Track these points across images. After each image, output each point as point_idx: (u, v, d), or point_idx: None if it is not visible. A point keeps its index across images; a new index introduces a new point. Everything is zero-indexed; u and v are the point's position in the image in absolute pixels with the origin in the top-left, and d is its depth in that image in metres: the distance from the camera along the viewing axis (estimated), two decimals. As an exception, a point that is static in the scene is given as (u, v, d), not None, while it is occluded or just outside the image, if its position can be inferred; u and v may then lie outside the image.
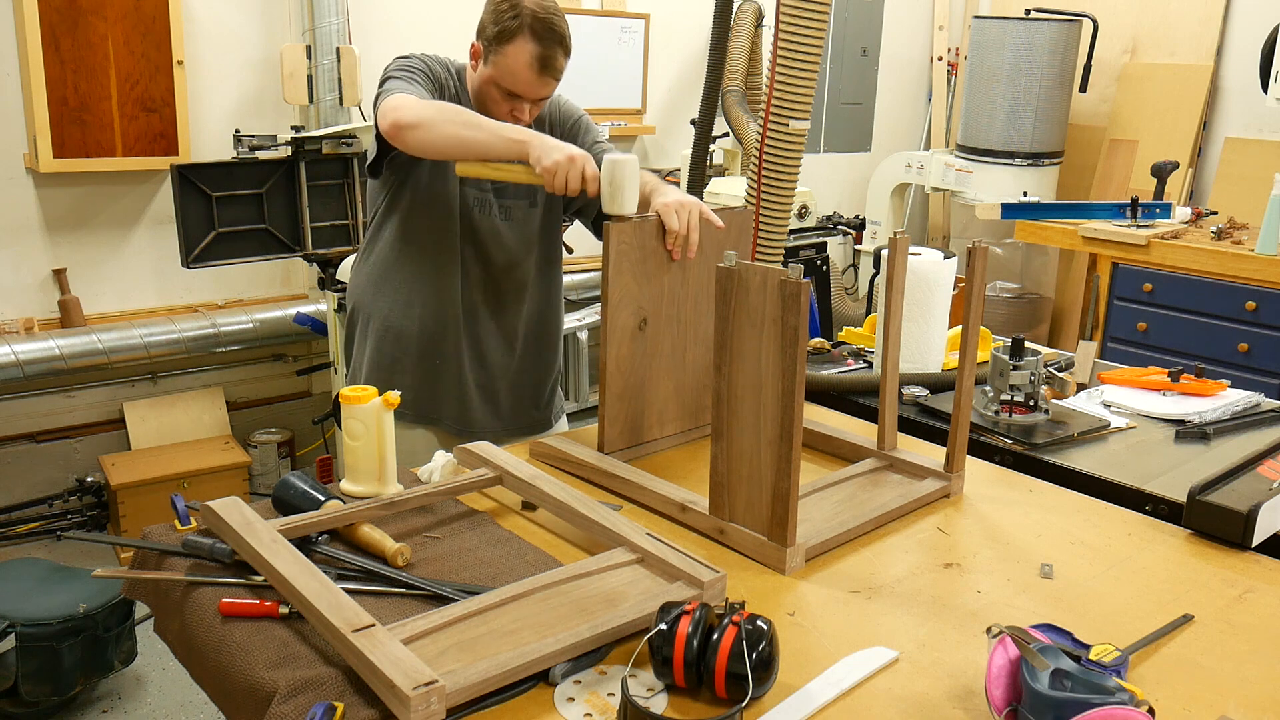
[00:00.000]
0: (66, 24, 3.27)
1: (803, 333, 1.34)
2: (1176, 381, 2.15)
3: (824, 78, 5.34)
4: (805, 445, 1.87)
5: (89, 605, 2.62)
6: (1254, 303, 3.62)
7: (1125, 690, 1.04)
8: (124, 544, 1.50)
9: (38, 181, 3.49)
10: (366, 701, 1.11)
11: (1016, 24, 4.72)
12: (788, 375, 1.36)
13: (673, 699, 1.14)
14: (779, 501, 1.40)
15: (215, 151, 3.67)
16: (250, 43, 3.77)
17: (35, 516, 3.53)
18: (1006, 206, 4.12)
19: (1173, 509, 1.63)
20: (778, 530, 1.42)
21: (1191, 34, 4.86)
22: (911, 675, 1.20)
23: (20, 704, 2.61)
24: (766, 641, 1.11)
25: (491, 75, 1.96)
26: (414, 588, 1.34)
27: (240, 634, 1.25)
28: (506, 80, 1.95)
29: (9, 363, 3.30)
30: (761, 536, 1.45)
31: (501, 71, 1.94)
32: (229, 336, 3.70)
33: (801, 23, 2.61)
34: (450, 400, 2.12)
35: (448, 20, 4.15)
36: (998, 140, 4.77)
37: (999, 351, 1.99)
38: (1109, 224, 3.95)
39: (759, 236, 2.78)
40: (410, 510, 1.58)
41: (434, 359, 2.09)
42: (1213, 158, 4.83)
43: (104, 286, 3.67)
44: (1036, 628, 1.16)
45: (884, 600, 1.37)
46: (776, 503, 1.41)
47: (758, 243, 2.77)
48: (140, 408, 3.72)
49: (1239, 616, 1.34)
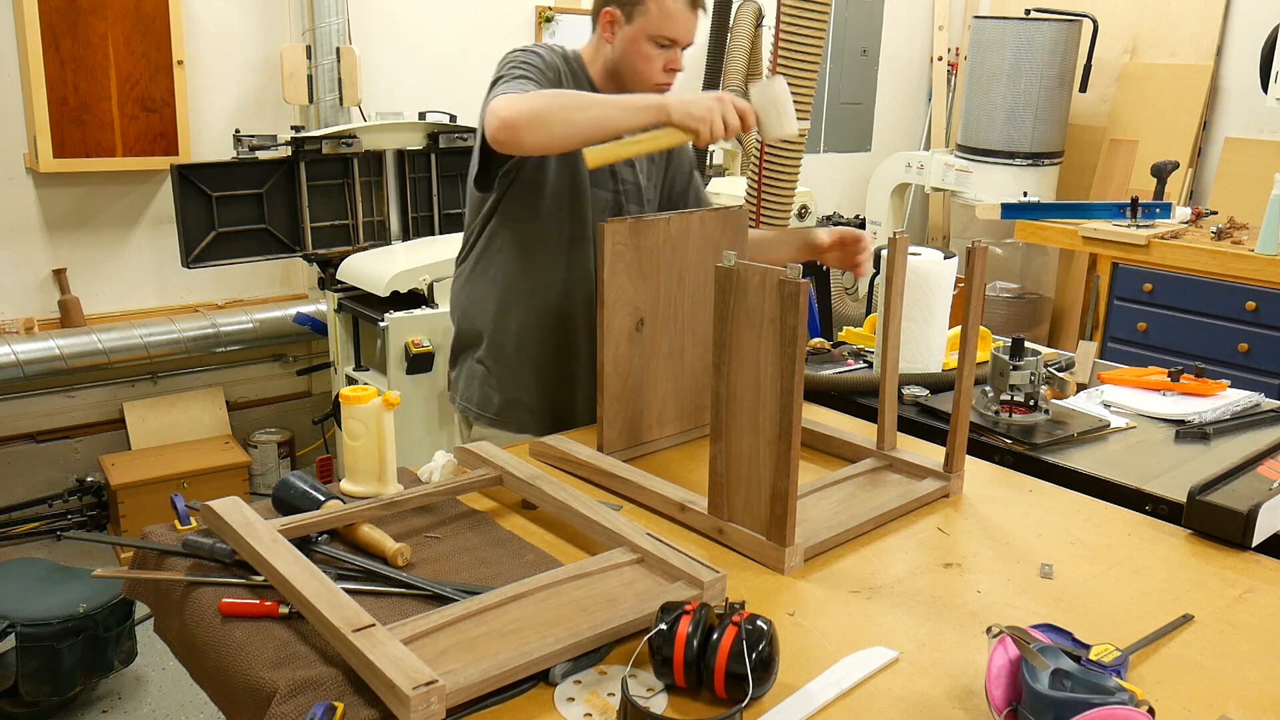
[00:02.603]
0: (66, 24, 3.27)
1: (801, 332, 1.34)
2: (1176, 381, 2.15)
3: (824, 78, 5.34)
4: (805, 445, 1.88)
5: (89, 605, 2.62)
6: (1254, 303, 3.62)
7: (1125, 690, 1.04)
8: (124, 544, 1.50)
9: (38, 181, 3.49)
10: (366, 701, 1.11)
11: (1016, 24, 4.72)
12: (786, 375, 1.36)
13: (673, 699, 1.14)
14: (778, 501, 1.40)
15: (215, 151, 3.67)
16: (250, 43, 3.77)
17: (35, 516, 3.53)
18: (1006, 206, 4.12)
19: (1173, 509, 1.63)
20: (776, 530, 1.42)
21: (1191, 34, 4.86)
22: (911, 675, 1.20)
23: (20, 704, 2.62)
24: (766, 641, 1.11)
25: (642, 28, 1.88)
26: (414, 588, 1.34)
27: (240, 634, 1.25)
28: (665, 27, 1.88)
29: (9, 363, 3.30)
30: (760, 536, 1.45)
31: (656, 20, 1.87)
32: (229, 336, 3.70)
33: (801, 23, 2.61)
34: (583, 400, 2.04)
35: (448, 20, 4.16)
36: (998, 140, 4.77)
37: (999, 351, 1.99)
38: (1109, 224, 3.95)
39: (759, 236, 2.77)
40: (410, 510, 1.58)
41: (567, 367, 2.03)
42: (1213, 158, 4.83)
43: (104, 286, 3.68)
44: (1036, 628, 1.16)
45: (884, 600, 1.37)
46: (775, 502, 1.41)
47: (758, 243, 2.77)
48: (140, 408, 3.72)
49: (1239, 616, 1.34)
